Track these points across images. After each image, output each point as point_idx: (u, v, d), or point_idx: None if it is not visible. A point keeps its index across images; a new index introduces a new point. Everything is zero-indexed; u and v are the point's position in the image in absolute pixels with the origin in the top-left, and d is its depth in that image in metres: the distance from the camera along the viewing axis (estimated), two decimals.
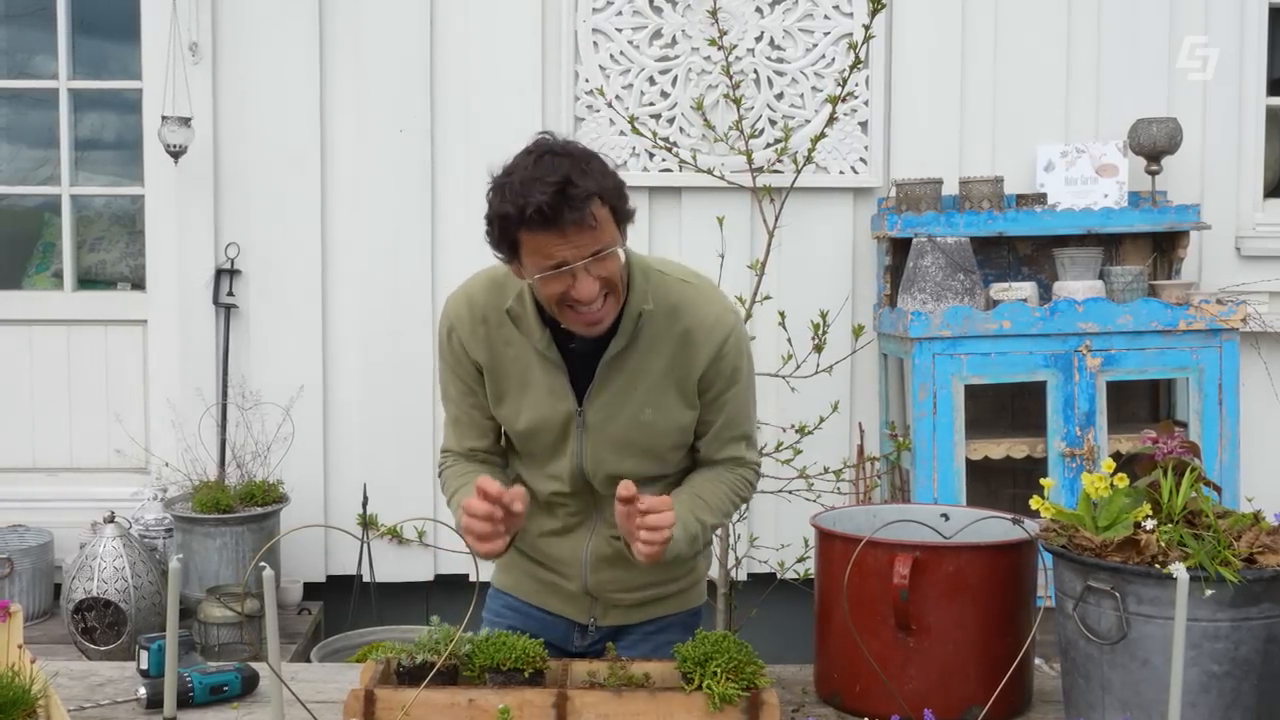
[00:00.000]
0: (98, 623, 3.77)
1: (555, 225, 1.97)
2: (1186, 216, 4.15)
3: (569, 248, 2.00)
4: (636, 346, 2.20)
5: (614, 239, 2.05)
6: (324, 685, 2.19)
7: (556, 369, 2.21)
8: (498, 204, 2.02)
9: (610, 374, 2.20)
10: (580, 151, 2.04)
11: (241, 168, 4.37)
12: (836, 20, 4.36)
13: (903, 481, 4.18)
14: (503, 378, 2.25)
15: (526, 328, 2.19)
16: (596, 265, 2.03)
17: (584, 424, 2.22)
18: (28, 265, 4.76)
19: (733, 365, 2.24)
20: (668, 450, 2.27)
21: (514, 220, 1.99)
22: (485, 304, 2.24)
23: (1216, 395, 3.97)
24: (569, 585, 2.35)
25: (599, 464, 2.24)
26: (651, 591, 2.36)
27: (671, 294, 2.22)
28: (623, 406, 2.21)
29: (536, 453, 2.29)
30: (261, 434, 4.26)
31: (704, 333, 2.21)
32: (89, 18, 4.62)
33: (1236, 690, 1.74)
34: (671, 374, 2.21)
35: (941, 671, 1.96)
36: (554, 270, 2.01)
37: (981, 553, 1.99)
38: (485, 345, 2.23)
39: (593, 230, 2.00)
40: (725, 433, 2.29)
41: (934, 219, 4.07)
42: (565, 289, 2.04)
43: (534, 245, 2.01)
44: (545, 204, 1.95)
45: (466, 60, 4.36)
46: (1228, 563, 1.73)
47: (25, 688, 1.86)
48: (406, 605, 4.41)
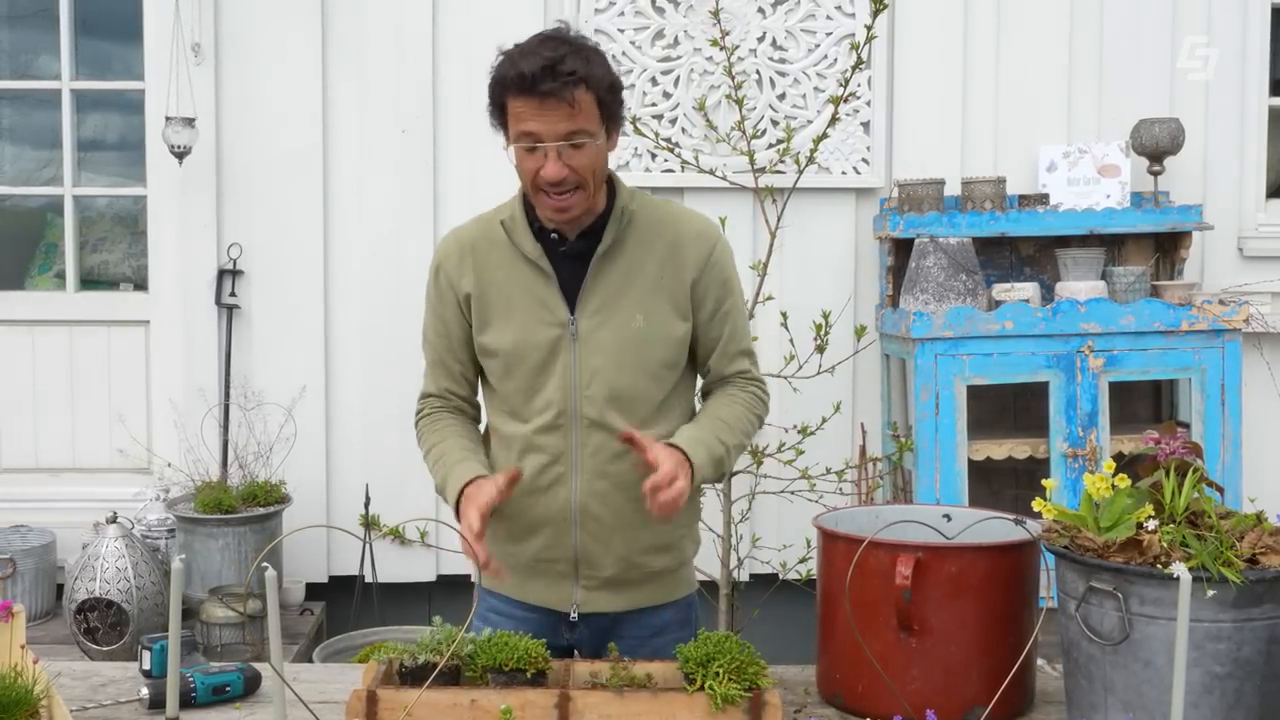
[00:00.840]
0: (100, 623, 3.77)
1: (534, 93, 2.09)
2: (1189, 217, 4.15)
3: (543, 122, 2.11)
4: (625, 249, 2.27)
5: (593, 129, 2.15)
6: (326, 686, 2.19)
7: (547, 279, 2.27)
8: (496, 68, 2.18)
9: (601, 276, 2.26)
10: (587, 44, 2.19)
11: (244, 168, 4.37)
12: (839, 20, 4.36)
13: (905, 482, 4.18)
14: (488, 305, 2.30)
15: (518, 237, 2.27)
16: (570, 152, 2.13)
17: (576, 334, 2.25)
18: (30, 266, 4.77)
19: (724, 275, 2.35)
20: (660, 366, 2.29)
21: (503, 84, 2.14)
22: (474, 235, 2.34)
23: (1219, 396, 3.97)
24: (552, 554, 2.32)
25: (591, 378, 2.25)
26: (639, 560, 2.32)
27: (658, 208, 2.35)
28: (615, 313, 2.26)
29: (521, 383, 2.29)
30: (264, 434, 4.26)
31: (691, 239, 2.31)
32: (91, 18, 4.62)
33: (1239, 691, 1.74)
34: (662, 283, 2.28)
35: (944, 672, 1.96)
36: (528, 141, 2.14)
37: (984, 553, 1.99)
38: (472, 273, 2.31)
39: (569, 110, 2.11)
40: (731, 346, 2.37)
41: (936, 219, 4.07)
42: (537, 167, 2.14)
43: (515, 111, 2.14)
44: (530, 71, 2.08)
45: (469, 61, 4.36)
46: (1230, 563, 1.72)
47: (28, 688, 1.86)
48: (408, 606, 4.41)
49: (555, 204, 2.18)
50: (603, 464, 2.27)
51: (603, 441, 2.27)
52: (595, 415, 2.26)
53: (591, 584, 2.34)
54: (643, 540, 2.31)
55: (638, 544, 2.31)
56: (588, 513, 2.29)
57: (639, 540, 2.31)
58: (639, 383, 2.27)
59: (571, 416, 2.26)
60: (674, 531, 2.35)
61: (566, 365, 2.25)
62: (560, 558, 2.33)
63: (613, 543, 2.30)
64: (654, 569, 2.36)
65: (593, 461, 2.27)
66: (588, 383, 2.25)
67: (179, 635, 1.80)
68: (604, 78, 2.16)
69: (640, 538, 2.30)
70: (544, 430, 2.28)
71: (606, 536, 2.30)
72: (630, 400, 2.25)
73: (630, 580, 2.35)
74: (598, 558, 2.32)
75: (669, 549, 2.37)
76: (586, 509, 2.29)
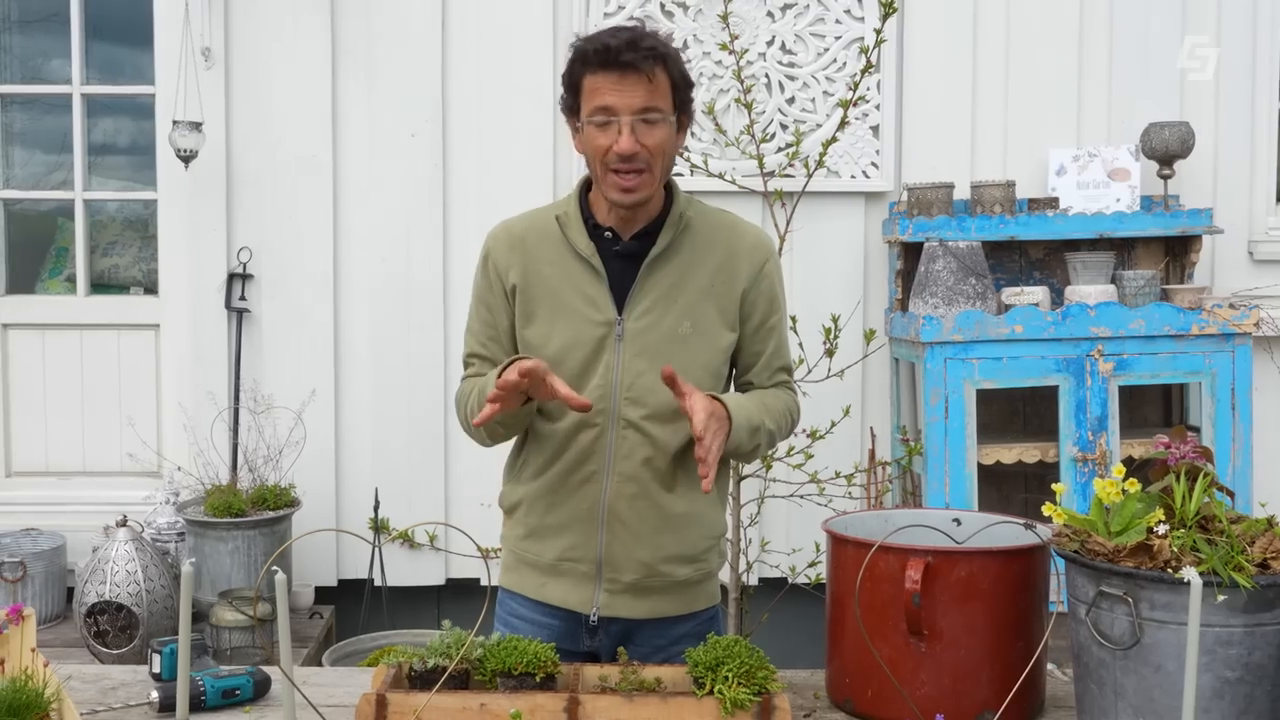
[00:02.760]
0: (110, 626, 3.78)
1: (615, 65, 2.13)
2: (1199, 221, 4.14)
3: (620, 95, 2.14)
4: (679, 253, 2.28)
5: (666, 108, 2.19)
6: (336, 689, 2.19)
7: (598, 278, 2.26)
8: (574, 50, 2.20)
9: (652, 277, 2.26)
10: (660, 33, 2.23)
11: (253, 172, 4.38)
12: (848, 25, 4.36)
13: (914, 486, 4.17)
14: (535, 299, 2.28)
15: (572, 233, 2.27)
16: (643, 128, 2.16)
17: (622, 334, 2.24)
18: (41, 270, 4.78)
19: (774, 290, 2.37)
20: (703, 373, 2.27)
21: (582, 59, 2.17)
22: (525, 228, 2.34)
23: (1229, 400, 3.95)
24: (576, 554, 2.31)
25: (634, 379, 2.24)
26: (663, 568, 2.31)
27: (714, 215, 2.37)
28: (663, 316, 2.25)
29: (564, 379, 2.22)
30: (273, 438, 4.27)
31: (745, 251, 2.34)
32: (103, 23, 4.64)
33: (1250, 696, 1.73)
34: (713, 291, 2.29)
35: (954, 677, 1.96)
36: (602, 116, 2.15)
37: (994, 558, 1.98)
38: (520, 265, 2.30)
39: (648, 84, 2.14)
40: (774, 361, 2.39)
41: (945, 223, 4.07)
42: (610, 143, 2.15)
43: (591, 86, 2.16)
44: (611, 43, 2.12)
45: (478, 65, 4.37)
46: (1241, 568, 1.72)
47: (38, 691, 1.86)
48: (418, 609, 4.42)
49: (623, 182, 2.18)
50: (634, 467, 2.26)
51: (637, 444, 2.26)
52: (633, 417, 2.25)
53: (614, 588, 2.33)
54: (667, 548, 2.30)
55: (662, 551, 2.30)
56: (615, 515, 2.28)
57: (664, 548, 2.30)
58: None
59: (610, 416, 2.25)
60: (699, 543, 2.35)
61: (609, 365, 2.24)
62: (584, 558, 2.32)
63: (637, 548, 2.29)
64: (677, 579, 2.35)
65: (625, 464, 2.26)
66: (629, 385, 2.24)
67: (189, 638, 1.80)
68: (680, 63, 2.22)
69: (665, 545, 2.29)
70: (579, 428, 2.27)
71: (632, 541, 2.28)
72: (670, 405, 2.22)
73: (653, 588, 2.33)
74: (621, 561, 2.31)
75: (693, 560, 2.36)
76: (614, 511, 2.28)
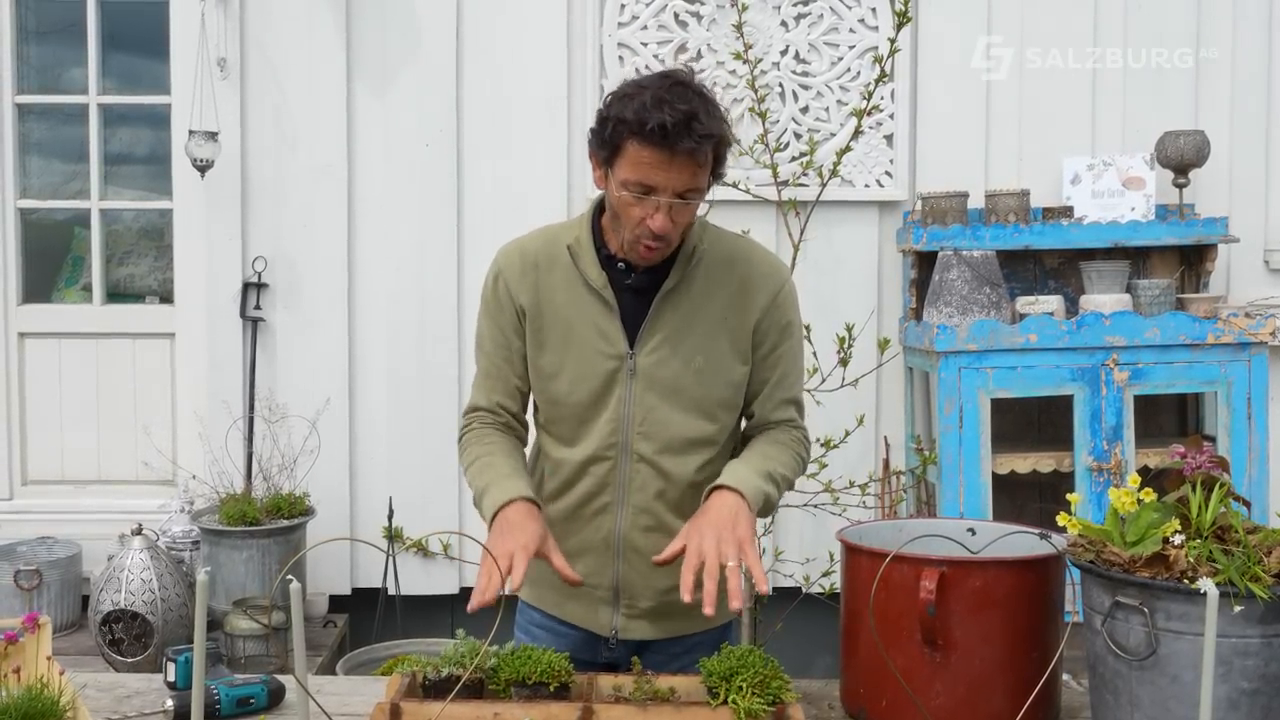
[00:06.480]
0: (125, 634, 3.79)
1: (668, 147, 2.02)
2: (1214, 229, 4.13)
3: (667, 176, 2.05)
4: (691, 287, 2.23)
5: (704, 187, 2.12)
6: (350, 698, 2.19)
7: (609, 311, 2.22)
8: (620, 108, 2.07)
9: (664, 313, 2.22)
10: (709, 94, 2.11)
11: (269, 182, 4.40)
12: (861, 34, 4.36)
13: (928, 496, 4.16)
14: (547, 326, 2.25)
15: (584, 264, 2.22)
16: (679, 208, 2.09)
17: (634, 369, 2.21)
18: (57, 279, 4.80)
19: (785, 319, 2.29)
20: (717, 406, 2.25)
21: (632, 127, 2.04)
22: (538, 251, 2.28)
23: (1245, 409, 3.94)
24: (593, 581, 2.30)
25: (646, 414, 2.22)
26: (679, 594, 2.31)
27: (727, 244, 2.30)
28: (675, 350, 2.22)
29: (574, 410, 2.24)
30: (288, 447, 4.28)
31: (759, 280, 2.27)
32: (119, 33, 4.66)
33: (1267, 707, 1.72)
34: (725, 323, 2.24)
35: (968, 687, 1.95)
36: (641, 190, 2.07)
37: (1008, 568, 1.98)
38: (533, 290, 2.25)
39: (696, 169, 2.07)
40: (778, 393, 2.31)
41: (960, 232, 4.06)
42: (644, 216, 2.09)
43: (637, 158, 2.06)
44: (670, 123, 2.00)
45: (493, 75, 4.38)
46: (1258, 578, 1.71)
47: (54, 699, 1.87)
48: (431, 618, 4.42)
49: (649, 256, 2.15)
50: (648, 500, 2.25)
51: (650, 478, 2.24)
52: (645, 452, 2.23)
53: (632, 612, 2.33)
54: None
55: (679, 579, 2.29)
56: (630, 545, 2.28)
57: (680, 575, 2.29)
58: (692, 423, 2.24)
59: (621, 450, 2.24)
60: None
61: (621, 399, 2.22)
62: (601, 584, 2.32)
63: (654, 576, 2.27)
64: (696, 600, 2.35)
65: (639, 496, 2.25)
66: (641, 419, 2.22)
67: (204, 647, 1.80)
68: (726, 137, 2.11)
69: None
70: (592, 460, 2.25)
71: (647, 570, 2.26)
72: (682, 439, 2.21)
73: (672, 612, 2.33)
74: (639, 589, 2.31)
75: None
76: (629, 541, 2.27)
